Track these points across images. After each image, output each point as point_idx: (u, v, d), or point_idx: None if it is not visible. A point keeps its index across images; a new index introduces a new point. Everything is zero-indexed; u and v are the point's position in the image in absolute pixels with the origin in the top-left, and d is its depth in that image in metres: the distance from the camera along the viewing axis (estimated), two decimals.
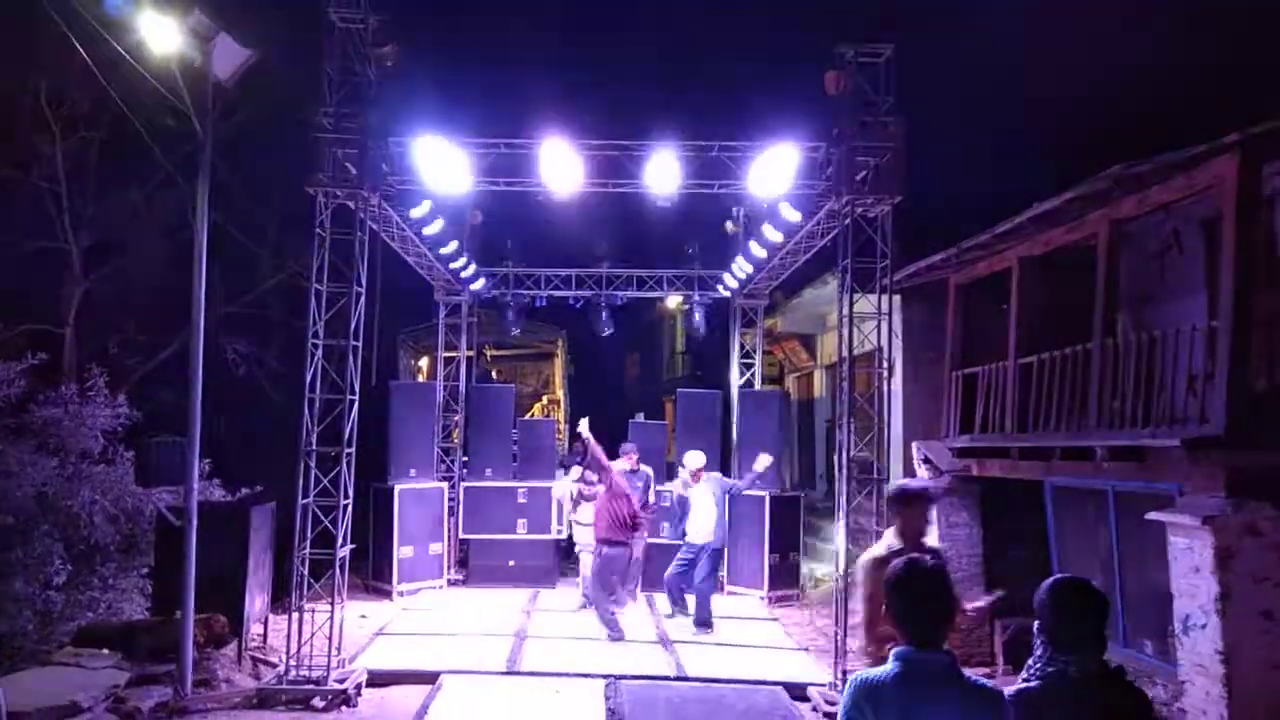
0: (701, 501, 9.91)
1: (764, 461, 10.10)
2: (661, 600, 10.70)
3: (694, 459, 10.05)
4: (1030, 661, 2.94)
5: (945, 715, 2.58)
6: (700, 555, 9.80)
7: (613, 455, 11.22)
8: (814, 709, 7.80)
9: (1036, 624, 2.95)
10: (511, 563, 12.23)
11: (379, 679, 8.13)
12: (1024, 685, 2.88)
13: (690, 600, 10.00)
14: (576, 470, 10.85)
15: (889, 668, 2.67)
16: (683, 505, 10.16)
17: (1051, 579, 3.00)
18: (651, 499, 10.89)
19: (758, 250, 11.12)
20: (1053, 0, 13.55)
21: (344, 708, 7.55)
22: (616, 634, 9.33)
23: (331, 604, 7.88)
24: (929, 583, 2.74)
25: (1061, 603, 2.90)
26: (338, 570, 7.97)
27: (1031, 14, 13.13)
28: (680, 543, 10.12)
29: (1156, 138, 6.95)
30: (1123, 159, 6.67)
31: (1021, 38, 13.08)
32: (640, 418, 14.30)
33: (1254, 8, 10.86)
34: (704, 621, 9.79)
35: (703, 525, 9.84)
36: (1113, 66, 12.40)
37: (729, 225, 12.39)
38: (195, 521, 7.64)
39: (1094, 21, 13.18)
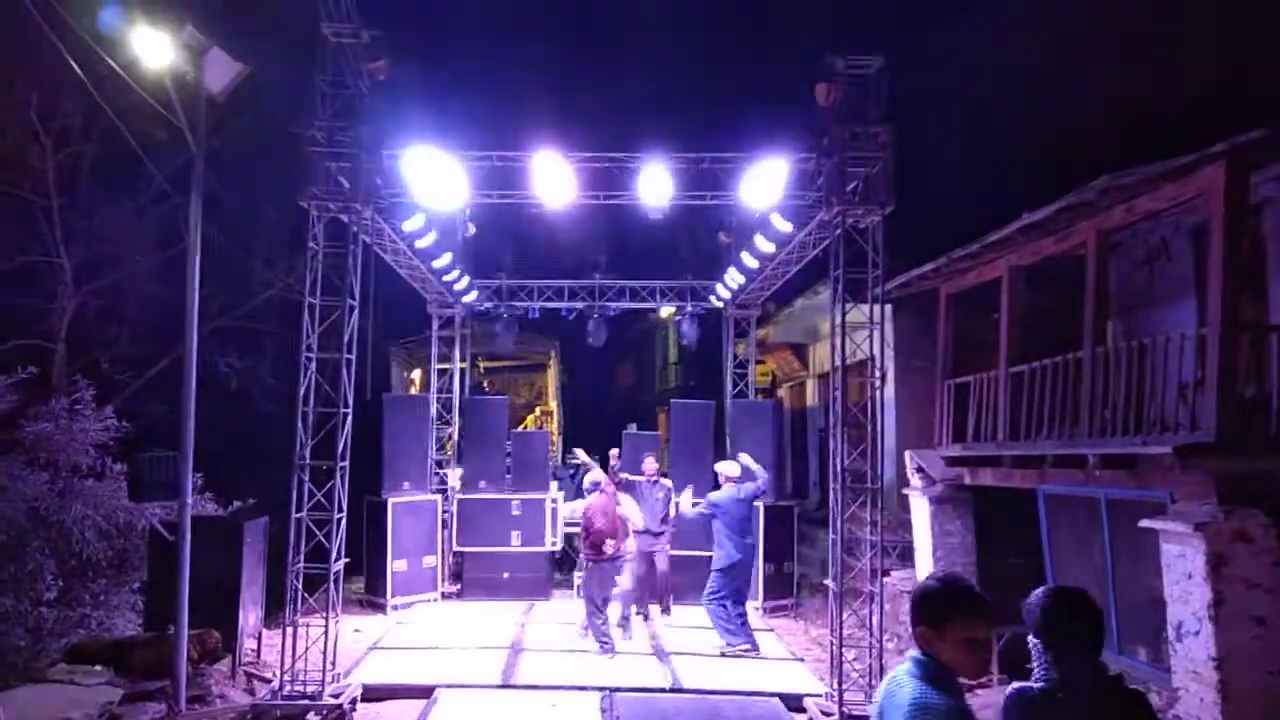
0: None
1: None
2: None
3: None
4: (1034, 671, 2.96)
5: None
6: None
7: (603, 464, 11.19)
8: (810, 719, 7.80)
9: (1032, 637, 2.97)
10: (506, 575, 12.21)
11: (374, 693, 8.11)
12: (1022, 685, 2.91)
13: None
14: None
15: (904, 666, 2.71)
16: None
17: (1044, 589, 3.03)
18: (673, 512, 10.86)
19: (750, 261, 11.17)
20: (1042, 11, 13.65)
21: None
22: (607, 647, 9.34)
23: (326, 618, 7.86)
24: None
25: (1058, 612, 2.94)
26: (332, 584, 7.95)
27: (1021, 24, 13.23)
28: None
29: (1145, 147, 7.01)
30: (1111, 169, 6.72)
31: (1011, 49, 13.18)
32: (633, 428, 14.31)
33: (1240, 17, 10.96)
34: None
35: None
36: (1101, 77, 12.50)
37: (722, 236, 12.44)
38: (188, 536, 7.62)
39: (1083, 32, 13.29)
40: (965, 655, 2.62)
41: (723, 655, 9.38)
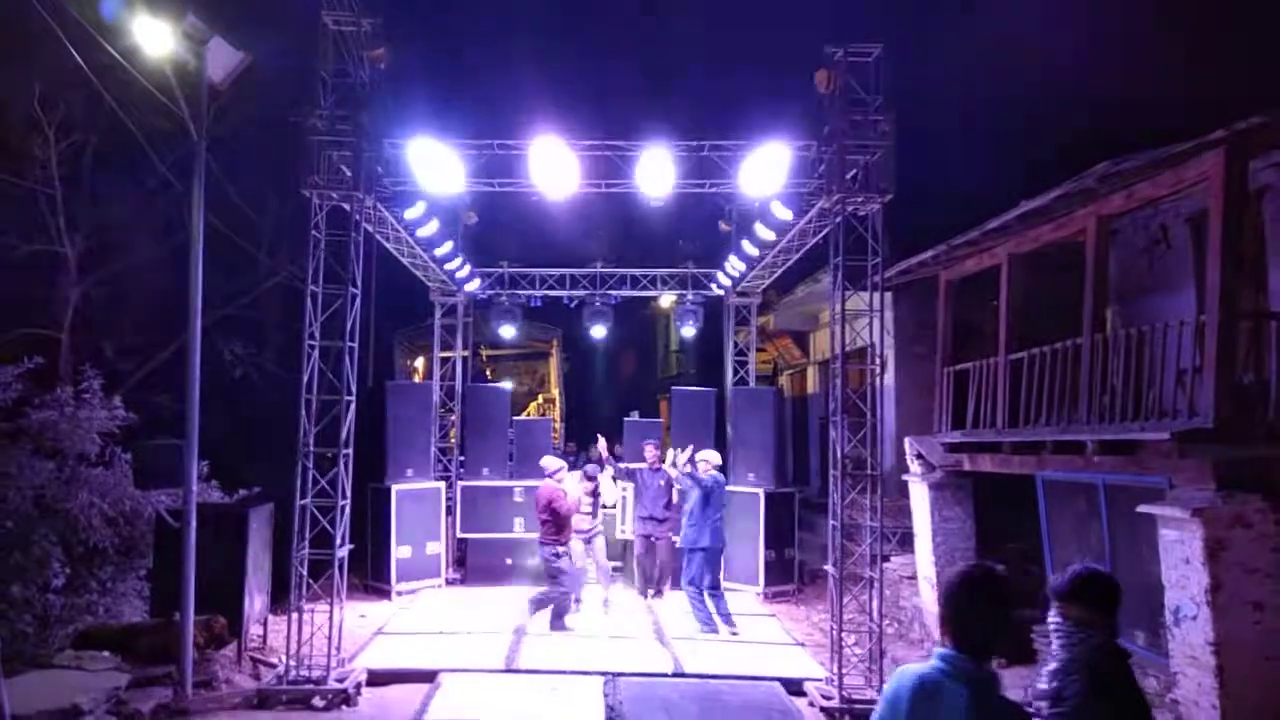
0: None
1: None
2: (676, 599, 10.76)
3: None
4: (1067, 646, 3.07)
5: None
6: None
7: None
8: (810, 704, 7.87)
9: (1054, 615, 3.10)
10: (509, 561, 12.28)
11: (378, 678, 8.18)
12: (1069, 686, 3.00)
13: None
14: (576, 474, 10.91)
15: (931, 664, 2.66)
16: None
17: (1079, 568, 3.16)
18: (675, 499, 10.96)
19: (750, 248, 11.18)
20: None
21: (344, 707, 7.60)
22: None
23: (330, 604, 7.93)
24: (989, 590, 2.70)
25: (1103, 588, 3.11)
26: (336, 570, 8.01)
27: (1020, 12, 13.19)
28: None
29: (1144, 134, 7.02)
30: (1110, 155, 6.73)
31: (1010, 35, 13.15)
32: (635, 416, 14.36)
33: (1238, 6, 10.94)
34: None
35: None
36: (1101, 63, 12.48)
37: (722, 224, 12.45)
38: (194, 523, 7.68)
39: (1083, 18, 13.26)
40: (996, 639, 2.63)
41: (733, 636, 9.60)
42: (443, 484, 12.64)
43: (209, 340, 12.64)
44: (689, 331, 14.91)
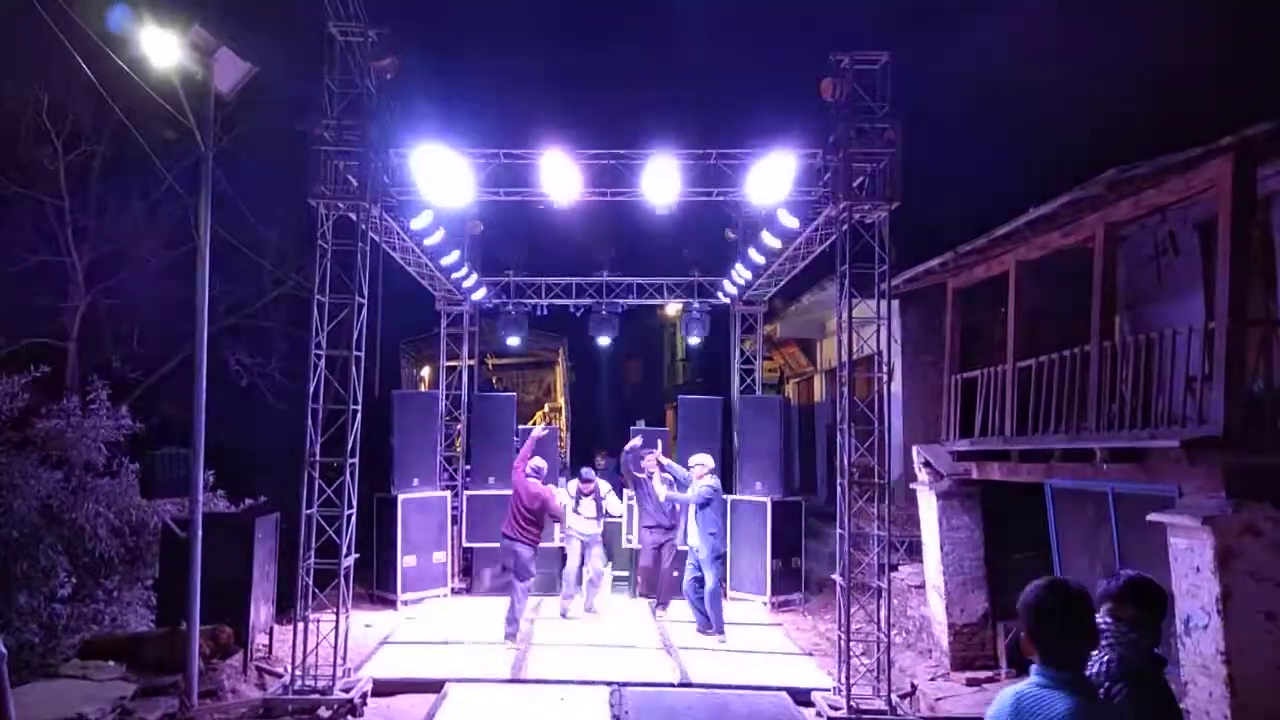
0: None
1: None
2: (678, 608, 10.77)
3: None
4: (1115, 645, 3.13)
5: None
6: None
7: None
8: (818, 714, 7.82)
9: (1118, 613, 3.20)
10: None
11: (384, 688, 8.16)
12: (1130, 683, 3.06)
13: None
14: (575, 483, 10.96)
15: (1027, 681, 2.76)
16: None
17: (1131, 573, 3.27)
18: (660, 496, 10.96)
19: (756, 257, 11.17)
20: (1049, 4, 13.62)
21: (350, 717, 7.59)
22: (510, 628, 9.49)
23: (336, 614, 7.91)
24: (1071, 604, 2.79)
25: (1155, 592, 3.21)
26: (342, 580, 7.99)
27: (1028, 18, 13.20)
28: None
29: (1152, 140, 6.99)
30: (1118, 162, 6.71)
31: (1018, 42, 13.15)
32: (641, 424, 14.33)
33: (1247, 10, 10.92)
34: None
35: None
36: (1109, 70, 12.46)
37: (728, 232, 12.44)
38: (200, 532, 7.68)
39: (1090, 25, 13.26)
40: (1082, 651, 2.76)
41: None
42: (449, 493, 12.63)
43: (215, 350, 12.66)
44: (695, 340, 14.90)
